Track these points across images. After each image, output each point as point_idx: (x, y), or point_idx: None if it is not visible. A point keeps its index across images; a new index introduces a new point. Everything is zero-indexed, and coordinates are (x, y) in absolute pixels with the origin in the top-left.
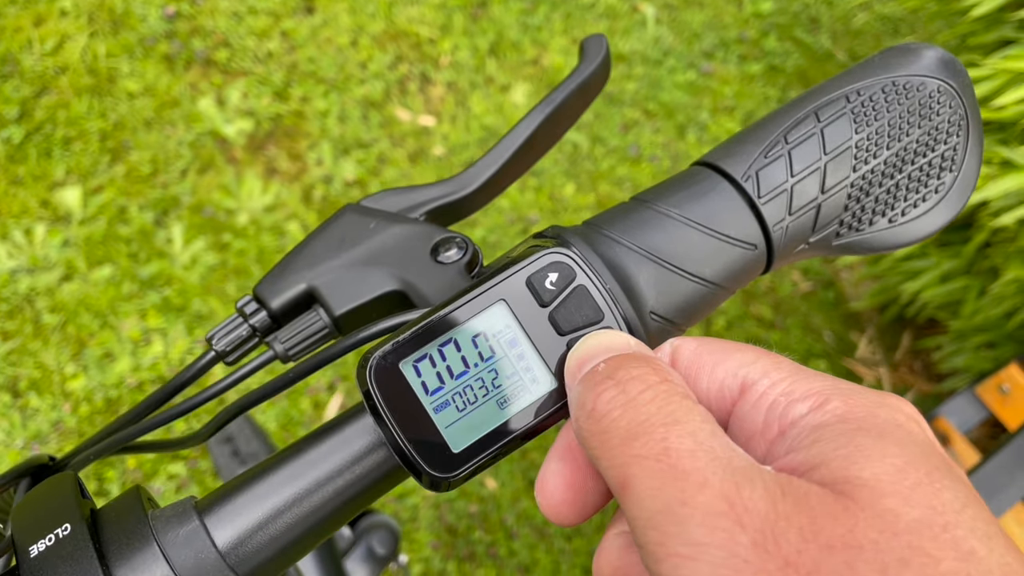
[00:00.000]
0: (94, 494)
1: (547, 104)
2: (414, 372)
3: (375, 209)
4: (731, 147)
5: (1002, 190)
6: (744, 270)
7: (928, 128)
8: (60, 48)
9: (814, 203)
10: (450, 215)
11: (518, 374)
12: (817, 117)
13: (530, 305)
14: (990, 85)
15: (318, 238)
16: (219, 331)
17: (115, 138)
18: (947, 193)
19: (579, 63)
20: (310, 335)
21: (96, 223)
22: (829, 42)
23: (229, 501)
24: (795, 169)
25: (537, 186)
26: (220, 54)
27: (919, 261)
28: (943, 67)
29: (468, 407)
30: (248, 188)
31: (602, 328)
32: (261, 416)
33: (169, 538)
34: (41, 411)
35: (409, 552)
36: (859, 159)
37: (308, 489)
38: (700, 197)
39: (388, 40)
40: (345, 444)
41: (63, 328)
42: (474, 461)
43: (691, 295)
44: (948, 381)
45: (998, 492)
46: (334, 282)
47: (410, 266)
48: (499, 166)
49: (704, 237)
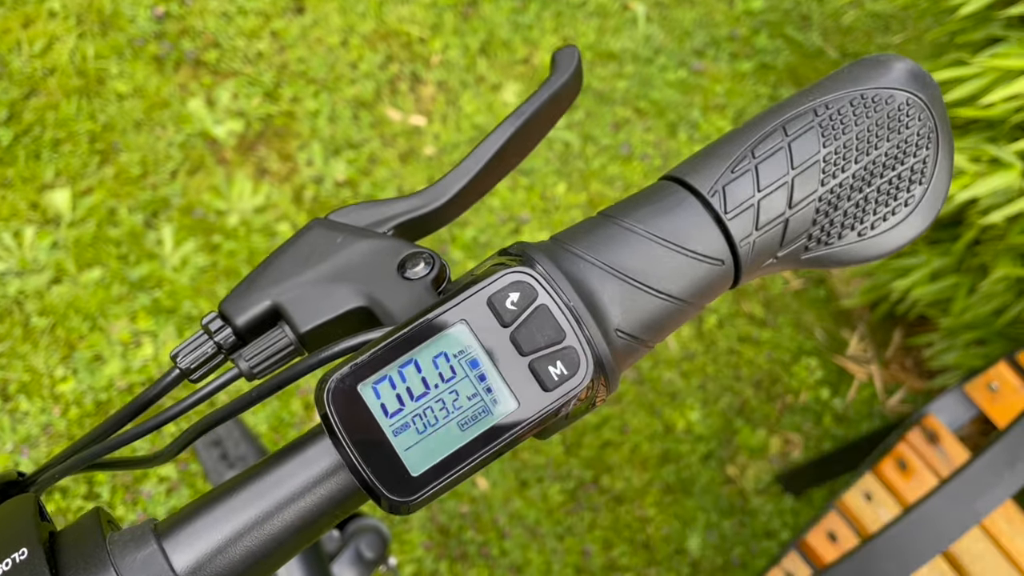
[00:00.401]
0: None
1: (518, 116)
2: (373, 394)
3: (343, 224)
4: (698, 162)
5: (991, 188)
6: (711, 286)
7: (897, 141)
8: (49, 49)
9: (782, 218)
10: (420, 229)
11: (479, 395)
12: (784, 131)
13: (491, 325)
14: (978, 83)
15: (284, 253)
16: (184, 348)
17: (104, 140)
18: (917, 206)
19: (550, 74)
20: (275, 352)
21: (86, 225)
22: (820, 39)
23: (188, 524)
24: (762, 184)
25: (528, 185)
26: (210, 55)
27: (909, 259)
28: (912, 79)
29: (428, 429)
30: (238, 189)
31: (565, 348)
32: (252, 418)
33: (127, 562)
34: (31, 414)
35: (401, 553)
36: (827, 173)
37: (269, 511)
38: (666, 212)
39: (378, 40)
40: (306, 465)
41: (52, 331)
42: (434, 484)
43: (657, 312)
44: (939, 378)
45: (987, 491)
46: (299, 299)
47: (376, 282)
48: (469, 179)
49: (670, 253)
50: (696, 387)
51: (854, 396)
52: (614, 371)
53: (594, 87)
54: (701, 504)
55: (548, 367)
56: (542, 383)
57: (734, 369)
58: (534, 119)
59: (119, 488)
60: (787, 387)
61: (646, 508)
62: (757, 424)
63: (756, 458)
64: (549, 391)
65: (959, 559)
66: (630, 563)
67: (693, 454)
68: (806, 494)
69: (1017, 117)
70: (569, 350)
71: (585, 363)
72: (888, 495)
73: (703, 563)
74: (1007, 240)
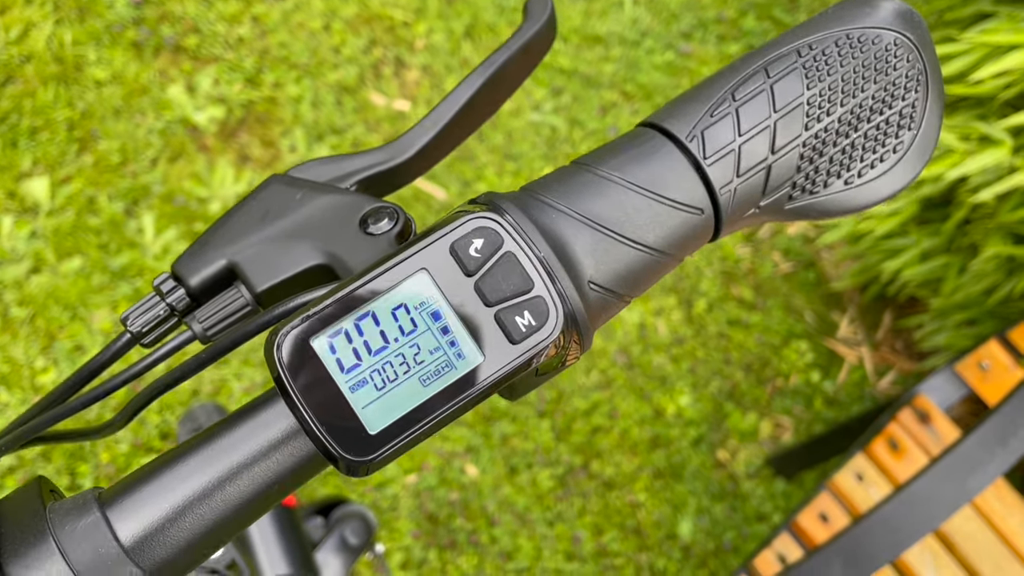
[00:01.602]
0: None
1: (488, 66)
2: (328, 349)
3: (303, 179)
4: (676, 106)
5: (980, 166)
6: (690, 236)
7: (885, 83)
8: (25, 36)
9: (764, 164)
10: (385, 184)
11: (442, 349)
12: (767, 73)
13: (454, 274)
14: (967, 59)
15: (240, 211)
16: (134, 311)
17: (83, 127)
18: (906, 153)
19: (523, 23)
20: (230, 313)
21: (65, 214)
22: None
23: (134, 492)
24: (743, 128)
25: (515, 170)
26: (190, 40)
27: (899, 239)
28: (900, 19)
29: (387, 385)
30: (220, 176)
31: (533, 298)
32: (235, 403)
33: (67, 532)
34: (11, 406)
35: (389, 541)
36: (811, 116)
37: (221, 478)
38: (642, 159)
39: (361, 24)
40: (261, 428)
41: (32, 321)
42: (394, 443)
43: (633, 263)
44: (930, 359)
45: (978, 469)
46: (255, 257)
47: (337, 239)
48: (436, 131)
49: (647, 201)
50: (686, 371)
51: (845, 378)
52: (587, 325)
53: (581, 71)
54: (692, 489)
55: (515, 318)
56: (509, 335)
57: (724, 353)
58: (505, 69)
59: (102, 475)
60: (777, 370)
61: (636, 493)
62: (748, 408)
63: (747, 442)
64: (516, 343)
65: (951, 538)
66: (621, 548)
67: (683, 438)
68: (797, 477)
69: (1007, 93)
70: (537, 300)
71: (555, 313)
72: (879, 475)
73: (694, 548)
74: (997, 218)
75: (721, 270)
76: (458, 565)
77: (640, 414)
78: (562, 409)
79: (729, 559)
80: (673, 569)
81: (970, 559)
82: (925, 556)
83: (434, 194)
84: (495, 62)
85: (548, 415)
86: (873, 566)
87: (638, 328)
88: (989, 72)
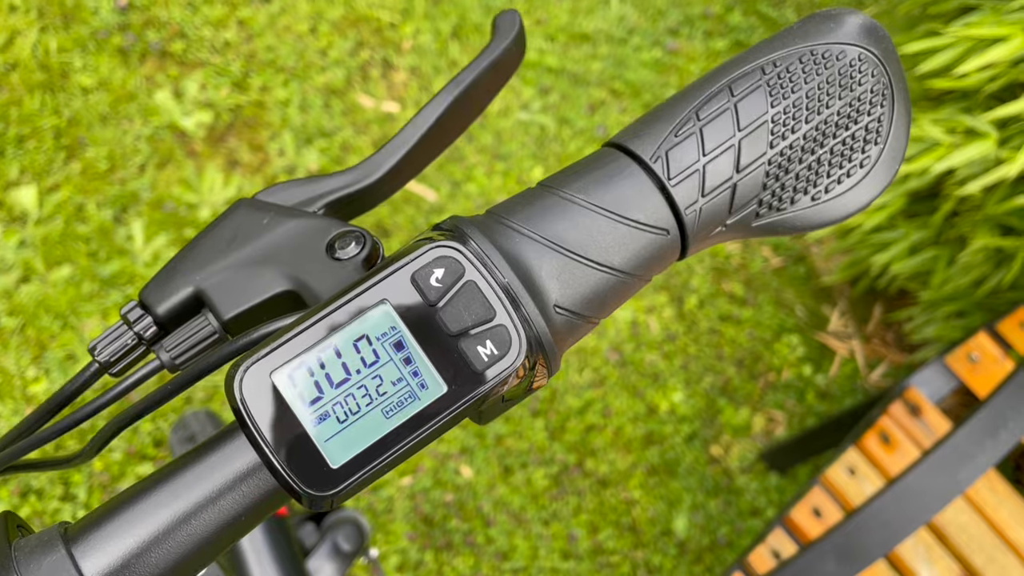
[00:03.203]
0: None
1: (456, 84)
2: (289, 382)
3: (270, 203)
4: (640, 126)
5: (966, 158)
6: (656, 257)
7: (850, 99)
8: (10, 44)
9: (729, 183)
10: (353, 207)
11: (405, 380)
12: (731, 91)
13: (416, 304)
14: (952, 53)
15: (207, 237)
16: (102, 340)
17: (70, 135)
18: (873, 167)
19: (491, 40)
20: (198, 342)
21: (53, 222)
22: (794, 15)
23: (99, 528)
24: (707, 147)
25: (505, 170)
26: (176, 45)
27: (888, 233)
28: (864, 34)
29: (350, 417)
30: (209, 181)
31: (495, 326)
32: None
33: (31, 570)
34: (3, 417)
35: (385, 544)
36: (776, 134)
37: (185, 513)
38: (606, 181)
39: (348, 26)
40: (223, 462)
41: (23, 331)
42: (356, 476)
43: (599, 286)
44: (920, 352)
45: (969, 461)
46: (222, 284)
47: (304, 264)
48: (405, 152)
49: (611, 223)
50: (678, 368)
51: (836, 372)
52: (553, 349)
53: (568, 69)
54: (686, 485)
55: (477, 347)
56: (471, 364)
57: (716, 349)
58: (474, 87)
59: (96, 488)
60: (769, 365)
61: (631, 491)
62: (740, 403)
63: (740, 437)
64: (479, 373)
65: (944, 530)
66: (617, 546)
67: (677, 435)
68: (791, 471)
69: (991, 86)
70: (499, 328)
71: (517, 342)
72: (872, 469)
73: (690, 543)
74: (985, 210)
75: (712, 266)
76: (454, 566)
77: (633, 411)
78: (555, 408)
79: (724, 554)
80: (669, 565)
81: (963, 550)
82: (918, 549)
83: (424, 196)
84: (464, 80)
85: (542, 414)
86: (867, 560)
87: (630, 325)
88: (974, 66)
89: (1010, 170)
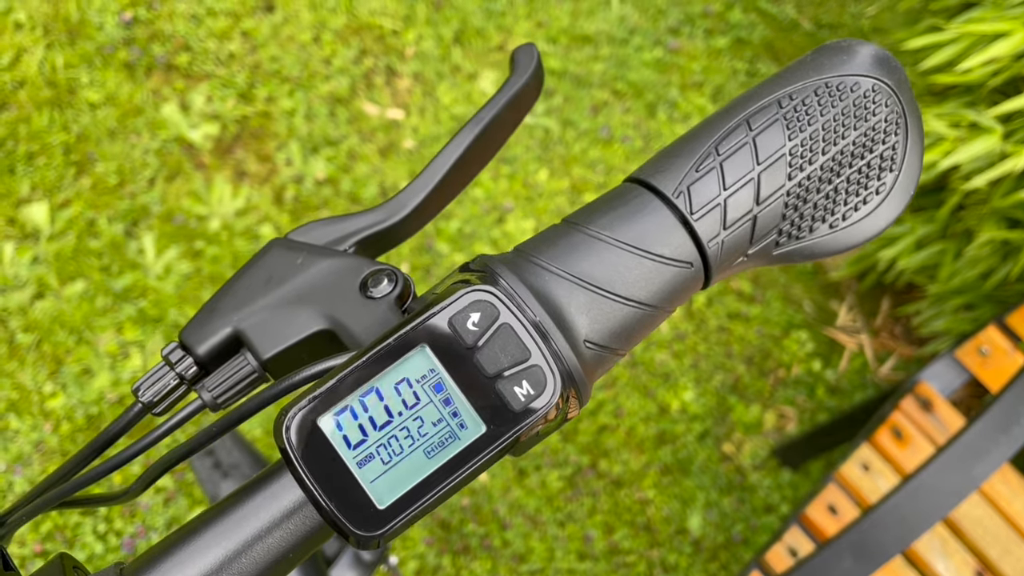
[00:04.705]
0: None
1: (477, 122)
2: (334, 426)
3: (302, 243)
4: (661, 162)
5: (971, 154)
6: (680, 289)
7: (865, 129)
8: (17, 62)
9: (749, 215)
10: (382, 244)
11: (445, 420)
12: (749, 126)
13: (454, 347)
14: (955, 48)
15: (244, 277)
16: (145, 381)
17: (79, 150)
18: (889, 193)
19: (510, 75)
20: (238, 381)
21: (65, 238)
22: (794, 11)
23: (154, 567)
24: (727, 182)
25: (510, 173)
26: (181, 58)
27: (895, 228)
28: (877, 65)
29: (394, 459)
30: (218, 193)
31: (530, 367)
32: (245, 424)
33: None
34: (22, 432)
35: (403, 550)
36: (794, 166)
37: (236, 551)
38: (630, 217)
39: (351, 34)
40: (271, 501)
41: (38, 347)
42: (403, 516)
43: (626, 320)
44: (929, 345)
45: (983, 456)
46: (260, 324)
47: (338, 303)
48: (430, 190)
49: (636, 259)
50: (688, 367)
51: (846, 366)
52: (584, 383)
53: (571, 71)
54: (699, 483)
55: (514, 388)
56: (508, 405)
57: (725, 346)
58: (494, 124)
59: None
60: (779, 361)
61: (645, 490)
62: (751, 400)
63: (752, 434)
64: (516, 412)
65: (959, 524)
66: (632, 546)
67: (689, 433)
68: (803, 467)
69: (994, 81)
70: (535, 369)
71: (552, 381)
72: (885, 465)
73: (705, 541)
74: (991, 204)
75: None
76: (472, 570)
77: (645, 411)
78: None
79: (739, 551)
80: (684, 564)
81: (978, 544)
82: (934, 543)
83: None
84: (484, 118)
85: None
86: (883, 558)
87: None
88: (976, 61)
89: (1016, 164)
